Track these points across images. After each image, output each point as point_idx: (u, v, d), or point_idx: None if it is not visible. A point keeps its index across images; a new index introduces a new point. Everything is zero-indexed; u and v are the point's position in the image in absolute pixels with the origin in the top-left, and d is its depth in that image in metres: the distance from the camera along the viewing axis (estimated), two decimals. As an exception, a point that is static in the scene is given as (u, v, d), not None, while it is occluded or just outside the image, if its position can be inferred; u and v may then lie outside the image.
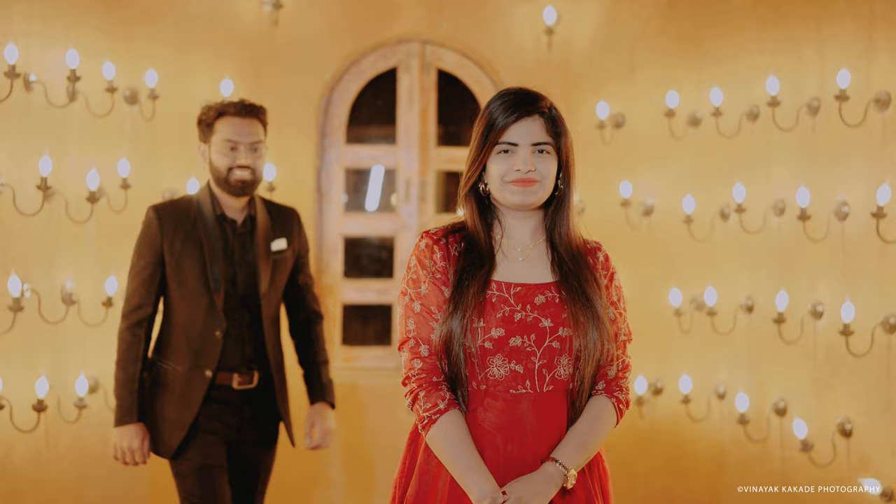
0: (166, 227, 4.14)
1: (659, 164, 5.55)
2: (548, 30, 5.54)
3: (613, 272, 3.00)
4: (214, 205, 4.21)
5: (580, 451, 2.83)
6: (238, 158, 4.13)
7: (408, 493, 2.91)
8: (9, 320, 4.52)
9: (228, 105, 4.18)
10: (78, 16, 4.99)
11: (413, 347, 2.88)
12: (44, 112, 4.76)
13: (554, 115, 2.90)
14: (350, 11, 5.58)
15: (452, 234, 2.94)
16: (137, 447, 4.12)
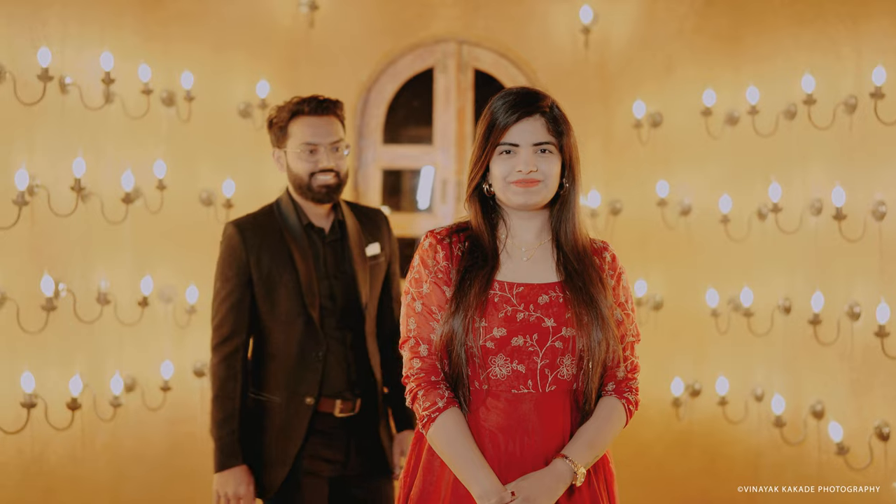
0: (250, 243, 3.83)
1: (696, 164, 5.50)
2: (584, 28, 5.52)
3: (621, 272, 2.97)
4: (299, 214, 3.90)
5: (589, 450, 2.83)
6: (319, 162, 3.82)
7: (412, 493, 2.91)
8: (42, 320, 4.57)
9: (302, 104, 3.86)
10: (114, 18, 5.03)
11: (413, 347, 2.88)
12: (79, 114, 4.81)
13: (556, 115, 2.88)
14: (386, 12, 5.58)
15: (457, 233, 2.93)
16: (244, 493, 3.79)
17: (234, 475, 3.78)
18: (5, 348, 4.50)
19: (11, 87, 4.45)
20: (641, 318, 5.51)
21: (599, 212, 5.53)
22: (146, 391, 5.09)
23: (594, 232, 5.38)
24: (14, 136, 4.54)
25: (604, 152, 5.62)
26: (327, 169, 3.84)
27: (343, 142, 3.90)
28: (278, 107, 3.92)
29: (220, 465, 3.79)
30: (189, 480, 5.28)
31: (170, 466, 5.26)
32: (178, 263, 5.23)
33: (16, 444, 4.58)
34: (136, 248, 5.11)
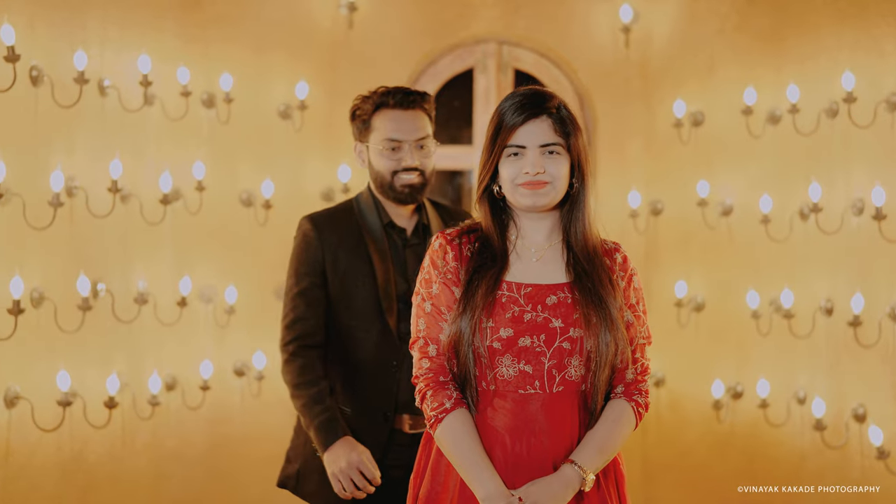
0: (327, 239, 3.61)
1: (737, 163, 5.44)
2: (624, 28, 5.48)
3: (632, 274, 2.95)
4: (380, 212, 3.67)
5: (599, 454, 2.81)
6: (403, 160, 3.59)
7: (420, 493, 2.92)
8: (78, 319, 4.62)
9: (387, 95, 3.62)
10: (154, 20, 5.08)
11: (422, 347, 2.89)
12: (118, 116, 4.86)
13: (563, 115, 2.87)
14: (425, 13, 5.58)
15: (467, 234, 2.93)
16: (356, 459, 3.40)
17: (341, 447, 3.42)
18: (43, 347, 4.56)
19: (49, 90, 4.50)
20: (682, 320, 5.47)
21: (640, 212, 5.50)
22: (186, 391, 5.14)
23: (636, 233, 5.44)
24: (52, 138, 4.60)
25: (645, 152, 5.58)
26: (411, 168, 3.61)
27: (430, 138, 3.69)
28: (362, 97, 3.69)
29: (322, 447, 3.47)
30: (228, 480, 5.32)
31: (210, 466, 5.30)
32: (217, 264, 5.27)
33: (55, 442, 4.64)
34: (175, 249, 5.16)
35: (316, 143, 5.42)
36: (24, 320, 4.39)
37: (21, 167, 4.41)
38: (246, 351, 5.27)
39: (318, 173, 5.40)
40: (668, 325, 5.52)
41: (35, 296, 4.46)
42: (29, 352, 4.50)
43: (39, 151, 4.53)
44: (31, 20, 4.49)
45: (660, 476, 5.57)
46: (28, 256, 4.47)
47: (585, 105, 5.66)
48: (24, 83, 4.42)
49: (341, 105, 5.44)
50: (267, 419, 5.32)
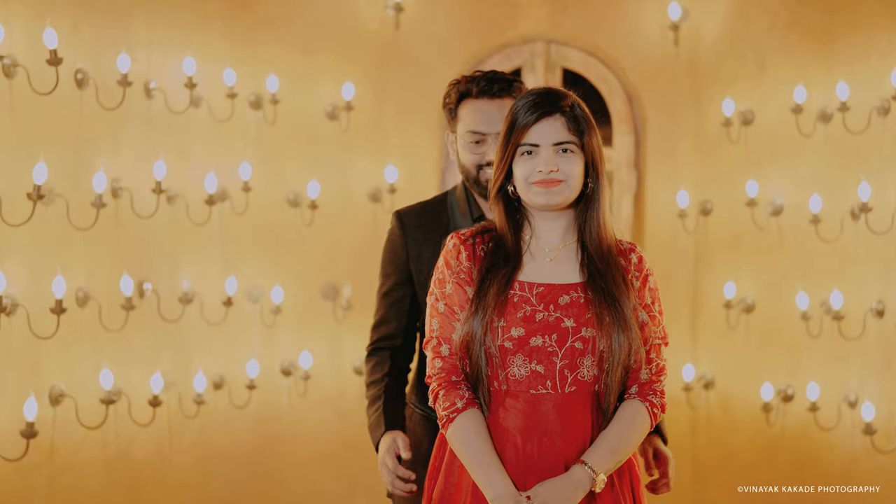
0: (412, 235, 3.44)
1: (787, 163, 5.37)
2: (673, 25, 5.44)
3: (648, 274, 2.92)
4: (471, 206, 3.44)
5: (610, 455, 2.78)
6: (487, 154, 3.32)
7: (434, 494, 2.91)
8: (122, 319, 4.68)
9: (471, 84, 3.36)
10: (201, 21, 5.13)
11: (435, 347, 2.89)
12: (165, 117, 4.92)
13: (577, 114, 2.84)
14: (473, 13, 5.57)
15: (481, 234, 2.92)
16: (389, 442, 3.30)
17: (382, 445, 3.33)
18: (88, 346, 4.63)
19: (94, 93, 4.57)
20: (732, 321, 5.40)
21: (689, 212, 5.44)
22: (233, 390, 5.18)
23: (685, 233, 5.38)
24: (97, 140, 4.67)
25: (694, 151, 5.53)
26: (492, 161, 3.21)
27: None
28: (452, 83, 3.44)
29: (374, 445, 3.40)
30: (276, 479, 5.36)
31: (257, 465, 5.34)
32: (264, 264, 5.31)
33: (100, 440, 4.70)
34: (222, 249, 5.21)
35: (363, 143, 5.44)
36: (70, 319, 4.46)
37: (65, 169, 4.48)
38: (293, 351, 5.30)
39: (365, 174, 5.42)
40: (718, 327, 5.46)
41: (80, 295, 4.53)
42: (74, 350, 4.57)
43: (84, 153, 4.59)
44: (75, 23, 4.56)
45: (710, 477, 5.51)
46: (73, 257, 4.54)
47: (634, 104, 5.62)
48: (69, 86, 4.48)
49: (388, 106, 5.48)
50: (314, 419, 5.35)
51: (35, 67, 4.28)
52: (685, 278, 5.54)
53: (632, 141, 5.65)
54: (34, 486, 4.43)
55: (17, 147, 4.30)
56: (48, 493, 4.49)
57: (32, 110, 4.35)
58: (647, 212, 5.56)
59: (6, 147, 4.27)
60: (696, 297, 5.53)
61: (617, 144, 5.67)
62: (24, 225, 4.20)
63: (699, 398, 5.48)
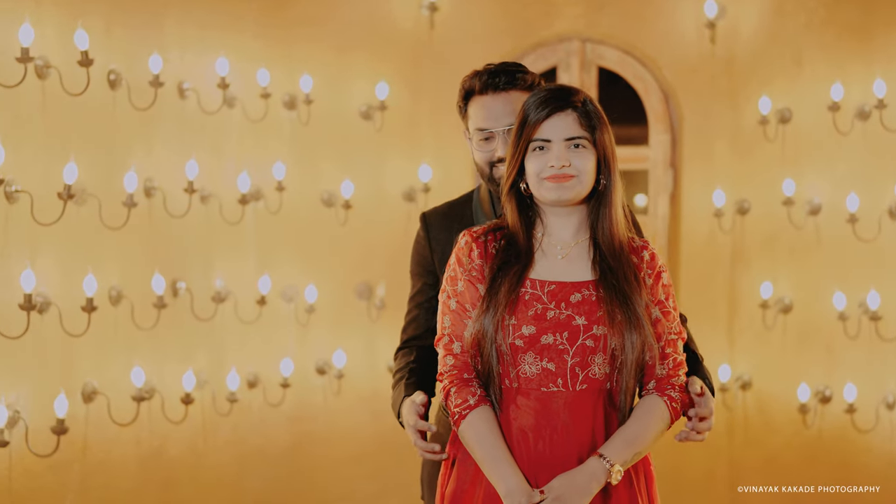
0: (436, 237, 3.35)
1: (824, 161, 5.31)
2: (709, 23, 5.39)
3: (660, 271, 2.90)
4: (495, 204, 3.33)
5: (627, 447, 2.76)
6: (496, 150, 3.19)
7: (447, 490, 2.91)
8: (153, 317, 4.72)
9: (473, 79, 3.25)
10: (235, 22, 5.16)
11: (447, 344, 2.88)
12: (198, 117, 4.95)
13: (588, 109, 2.83)
14: (507, 12, 5.56)
15: (493, 232, 2.92)
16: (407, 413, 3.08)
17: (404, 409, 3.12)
18: (121, 344, 4.67)
19: (126, 93, 4.61)
20: (768, 322, 5.35)
21: (725, 211, 5.39)
22: (267, 388, 5.21)
23: (721, 232, 5.34)
24: (129, 140, 4.70)
25: (731, 150, 5.48)
26: (502, 158, 3.15)
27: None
28: (464, 78, 3.33)
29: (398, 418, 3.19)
30: (310, 478, 5.38)
31: (292, 463, 5.36)
32: (298, 263, 5.33)
33: (133, 437, 4.74)
34: (256, 248, 5.24)
35: (397, 143, 5.44)
36: (103, 318, 4.51)
37: (98, 169, 4.53)
38: (327, 350, 5.32)
39: (399, 173, 5.42)
40: (755, 327, 5.41)
41: (113, 294, 4.57)
42: (107, 348, 4.61)
43: (116, 153, 4.63)
44: (108, 24, 4.60)
45: (747, 479, 5.46)
46: (105, 256, 4.58)
47: (671, 102, 5.58)
48: (102, 87, 4.52)
49: (423, 105, 5.48)
50: (348, 418, 5.37)
51: (68, 68, 4.33)
52: (722, 278, 5.49)
53: (668, 140, 5.62)
54: (67, 483, 4.48)
55: (50, 147, 4.34)
56: (81, 489, 4.54)
57: (65, 111, 4.40)
58: (684, 211, 5.52)
59: (39, 147, 4.31)
60: (733, 297, 5.48)
61: (653, 143, 5.63)
62: (55, 224, 4.24)
63: (736, 399, 5.44)
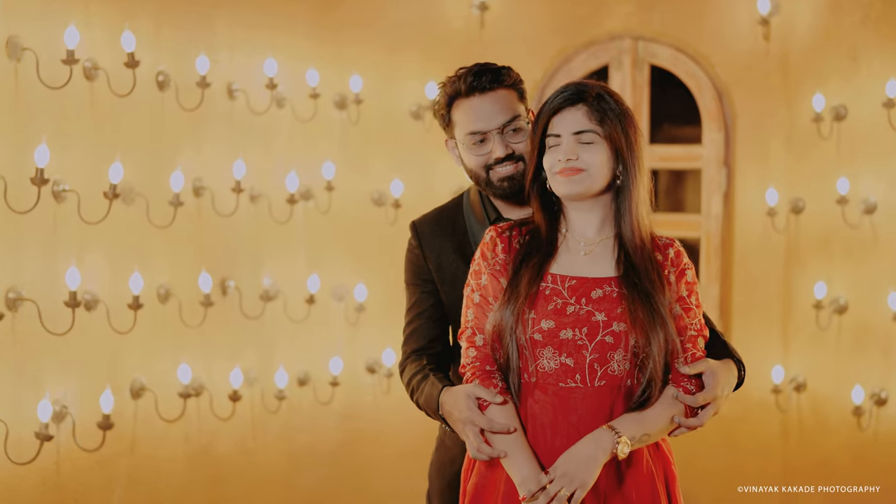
0: (429, 245, 3.30)
1: (881, 159, 5.21)
2: (762, 20, 5.33)
3: (684, 269, 2.89)
4: (487, 209, 3.26)
5: (637, 424, 2.76)
6: (493, 152, 3.12)
7: (468, 484, 2.91)
8: (201, 315, 4.78)
9: (458, 82, 3.16)
10: (285, 22, 5.20)
11: (470, 337, 2.90)
12: (248, 117, 5.00)
13: (603, 104, 2.82)
14: (558, 10, 5.55)
15: (519, 227, 2.93)
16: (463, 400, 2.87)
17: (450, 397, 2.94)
18: (170, 342, 4.72)
19: (175, 94, 4.66)
20: (822, 322, 5.27)
21: (778, 210, 5.32)
22: (317, 386, 5.24)
23: (774, 232, 5.27)
24: (179, 140, 4.76)
25: (786, 148, 5.41)
26: (503, 158, 3.12)
27: (520, 118, 3.17)
28: (440, 85, 3.26)
29: (435, 413, 3.05)
30: (360, 476, 5.41)
31: (342, 460, 5.40)
32: (348, 262, 5.36)
33: (182, 433, 4.80)
34: (306, 248, 5.27)
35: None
36: (151, 316, 4.57)
37: (145, 169, 4.58)
38: (376, 348, 5.35)
39: (449, 172, 5.42)
40: (809, 328, 5.34)
41: (161, 292, 4.63)
42: (155, 346, 4.67)
43: (164, 153, 4.68)
44: (157, 25, 4.65)
45: (799, 481, 5.38)
46: (154, 254, 4.63)
47: (724, 101, 5.52)
48: (151, 87, 4.58)
49: (472, 104, 5.48)
50: (397, 416, 5.38)
51: (116, 70, 4.39)
52: (776, 278, 5.42)
53: (721, 138, 5.55)
54: (115, 478, 4.55)
55: (98, 148, 4.40)
56: (129, 484, 4.60)
57: (113, 112, 4.46)
58: (737, 210, 5.46)
59: (87, 148, 4.37)
60: (787, 297, 5.41)
61: (706, 142, 5.57)
62: (102, 223, 4.30)
63: (789, 401, 5.36)
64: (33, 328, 4.11)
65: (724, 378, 2.87)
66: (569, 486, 2.69)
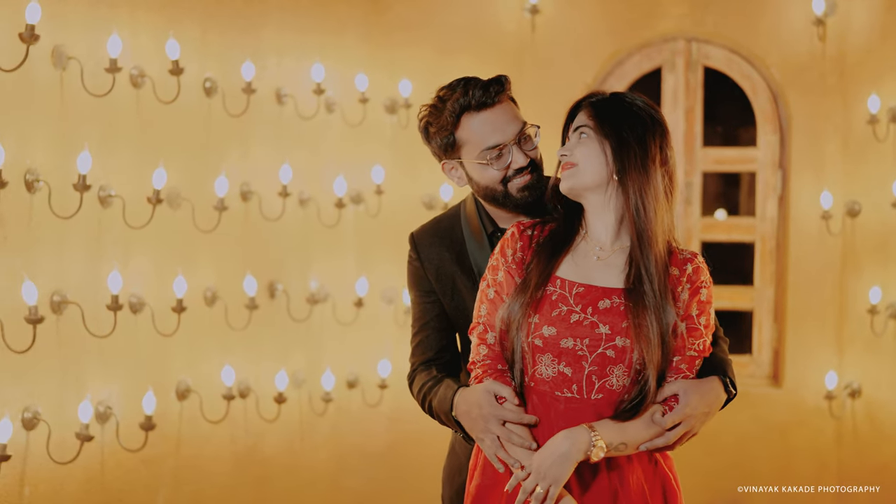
0: (427, 257, 3.23)
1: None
2: (818, 20, 5.25)
3: (701, 286, 2.79)
4: (483, 221, 3.18)
5: (618, 432, 2.70)
6: (513, 162, 3.04)
7: (470, 486, 2.88)
8: (252, 318, 4.84)
9: (467, 97, 3.05)
10: (335, 26, 5.24)
11: (481, 333, 2.86)
12: (297, 122, 5.04)
13: (607, 104, 2.80)
14: (610, 13, 5.52)
15: (541, 226, 2.89)
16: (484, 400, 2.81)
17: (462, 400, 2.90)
18: (216, 344, 4.79)
19: (221, 100, 4.72)
20: (877, 328, 5.17)
21: (833, 213, 5.23)
22: (366, 389, 5.28)
23: (829, 235, 5.19)
24: (226, 146, 4.81)
25: (842, 151, 5.32)
26: (523, 167, 3.05)
27: (527, 125, 3.10)
28: (430, 108, 3.13)
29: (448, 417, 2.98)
30: (408, 477, 5.43)
31: (390, 462, 5.42)
32: (398, 266, 5.32)
33: (228, 433, 4.86)
34: (356, 251, 5.31)
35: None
36: (198, 318, 4.64)
37: (192, 174, 4.64)
38: (426, 350, 5.36)
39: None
40: (865, 333, 5.24)
41: (208, 295, 4.70)
42: (202, 348, 4.74)
43: (211, 159, 4.73)
44: (203, 32, 4.71)
45: (853, 496, 5.29)
46: (200, 258, 4.70)
47: (780, 102, 5.45)
48: (198, 94, 4.65)
49: (523, 108, 5.38)
50: (446, 419, 5.39)
51: (163, 77, 4.45)
52: (831, 282, 5.34)
53: (776, 140, 5.48)
54: (160, 477, 4.62)
55: (144, 153, 4.46)
56: (174, 484, 4.67)
57: (160, 118, 4.52)
58: (792, 213, 5.38)
59: (133, 154, 4.43)
60: (842, 301, 5.32)
61: (761, 144, 5.51)
62: (148, 228, 4.37)
63: (844, 407, 5.27)
64: (77, 331, 4.19)
65: (699, 398, 2.79)
66: (542, 482, 2.66)
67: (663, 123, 2.80)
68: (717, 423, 5.33)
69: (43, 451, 4.07)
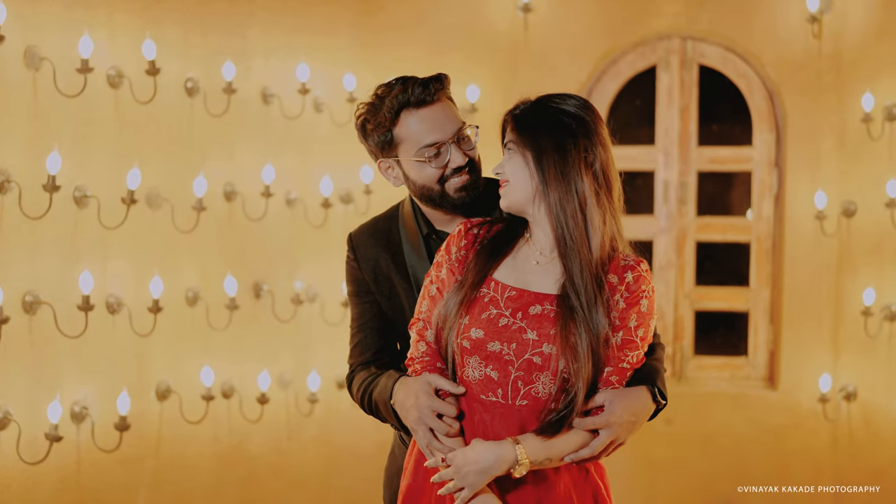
0: (363, 257, 3.17)
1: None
2: (813, 18, 5.17)
3: (641, 296, 2.70)
4: (419, 222, 3.16)
5: (543, 448, 2.64)
6: (451, 161, 3.00)
7: (402, 485, 2.86)
8: (238, 318, 4.84)
9: (406, 93, 2.99)
10: (325, 26, 5.23)
11: (420, 330, 2.81)
12: (283, 122, 5.04)
13: (527, 112, 2.73)
14: (604, 11, 5.46)
15: (489, 225, 2.83)
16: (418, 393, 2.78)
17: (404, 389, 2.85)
18: (200, 345, 4.79)
19: (203, 100, 4.73)
20: (871, 330, 5.08)
21: (828, 213, 5.15)
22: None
23: (823, 236, 5.12)
24: (208, 146, 4.81)
25: (838, 150, 5.24)
26: (461, 167, 3.00)
27: (467, 124, 3.06)
28: (368, 105, 3.07)
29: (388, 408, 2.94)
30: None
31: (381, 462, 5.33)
32: (388, 266, 5.36)
33: (211, 433, 4.86)
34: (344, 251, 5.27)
35: (489, 146, 5.38)
36: (179, 319, 4.65)
37: (172, 174, 4.65)
38: (415, 352, 5.33)
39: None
40: (860, 335, 5.16)
41: (189, 295, 4.70)
42: (183, 348, 4.74)
43: (193, 159, 4.74)
44: (185, 33, 4.71)
45: (852, 496, 5.21)
46: (180, 258, 4.70)
47: (775, 100, 5.37)
48: (179, 94, 4.65)
49: (521, 107, 5.43)
50: (438, 419, 5.37)
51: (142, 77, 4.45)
52: (826, 283, 5.26)
53: (772, 139, 5.41)
54: (139, 478, 4.63)
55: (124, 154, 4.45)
56: (154, 484, 4.68)
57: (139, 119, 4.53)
58: (788, 213, 5.31)
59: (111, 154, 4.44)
60: (838, 303, 5.24)
61: (757, 143, 5.44)
62: (124, 228, 4.37)
63: (839, 411, 5.19)
64: (50, 331, 4.20)
65: (625, 407, 2.72)
66: (459, 482, 2.64)
67: (592, 123, 2.71)
68: (714, 425, 5.32)
69: (13, 451, 4.08)
